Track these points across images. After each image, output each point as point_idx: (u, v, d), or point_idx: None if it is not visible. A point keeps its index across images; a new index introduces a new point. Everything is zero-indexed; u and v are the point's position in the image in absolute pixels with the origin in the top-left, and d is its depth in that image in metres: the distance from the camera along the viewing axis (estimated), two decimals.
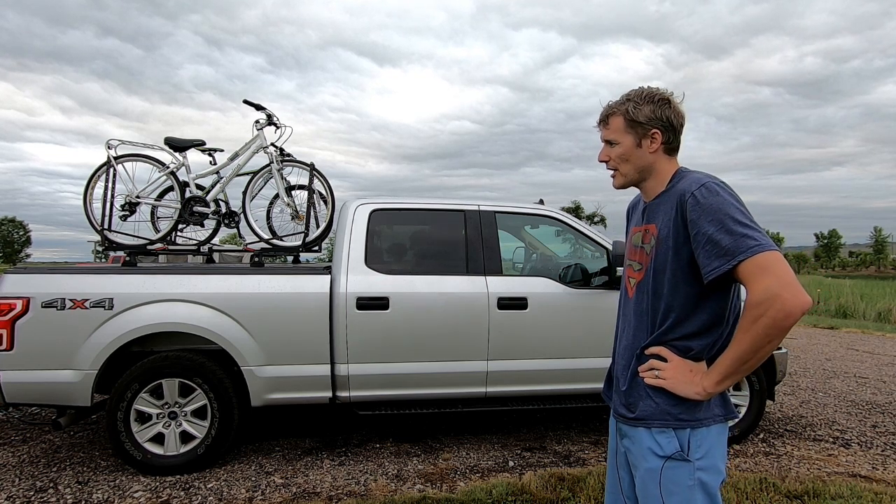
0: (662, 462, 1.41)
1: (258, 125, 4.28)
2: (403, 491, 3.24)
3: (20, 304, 3.29)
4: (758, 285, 1.27)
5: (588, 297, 3.95)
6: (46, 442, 4.04)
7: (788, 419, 4.86)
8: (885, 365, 7.62)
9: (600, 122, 1.56)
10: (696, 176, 1.44)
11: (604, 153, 1.56)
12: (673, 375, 1.42)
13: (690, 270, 1.40)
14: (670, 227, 1.42)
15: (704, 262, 1.34)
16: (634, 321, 1.53)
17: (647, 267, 1.49)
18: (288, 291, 3.62)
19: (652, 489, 1.42)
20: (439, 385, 3.81)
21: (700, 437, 1.42)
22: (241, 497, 3.15)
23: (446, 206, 4.05)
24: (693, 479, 1.39)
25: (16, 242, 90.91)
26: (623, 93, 1.54)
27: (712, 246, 1.32)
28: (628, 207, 1.78)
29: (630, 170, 1.52)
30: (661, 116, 1.47)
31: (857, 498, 3.09)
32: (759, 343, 1.28)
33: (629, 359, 1.53)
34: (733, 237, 1.30)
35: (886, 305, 15.37)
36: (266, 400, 3.58)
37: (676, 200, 1.42)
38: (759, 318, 1.26)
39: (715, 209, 1.34)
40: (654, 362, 1.45)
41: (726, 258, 1.30)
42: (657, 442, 1.43)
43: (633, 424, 1.48)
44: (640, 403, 1.47)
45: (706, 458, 1.41)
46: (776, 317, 1.25)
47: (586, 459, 3.79)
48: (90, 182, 4.12)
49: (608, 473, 1.67)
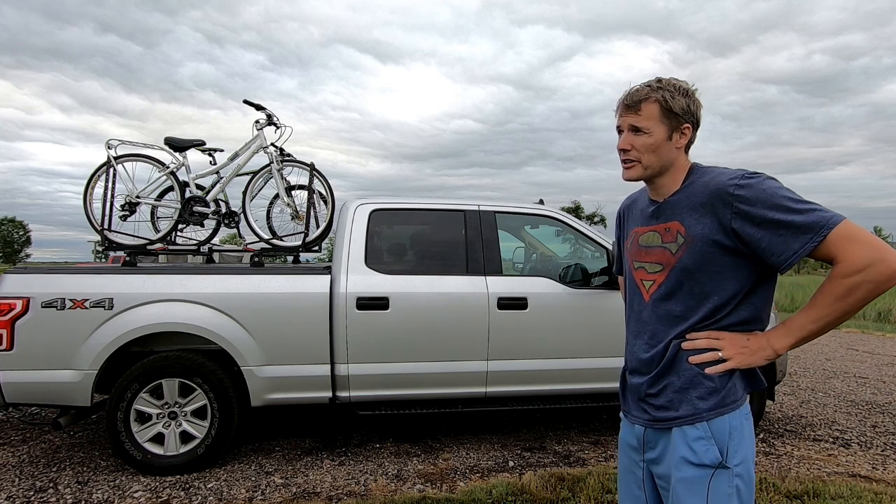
0: (700, 472, 1.34)
1: (258, 125, 4.29)
2: (403, 491, 3.24)
3: (20, 304, 3.29)
4: (853, 253, 1.23)
5: (588, 297, 3.95)
6: (46, 442, 4.04)
7: (788, 419, 4.86)
8: (885, 365, 7.62)
9: (628, 107, 1.42)
10: (722, 170, 1.40)
11: (626, 141, 1.42)
12: (736, 351, 1.35)
13: (731, 264, 1.35)
14: (707, 223, 1.36)
15: (781, 249, 1.28)
16: (658, 324, 1.44)
17: (671, 267, 1.41)
18: (288, 291, 3.62)
19: (690, 501, 1.34)
20: (439, 385, 3.81)
21: (738, 440, 1.35)
22: (241, 497, 3.15)
23: (446, 206, 4.05)
24: (731, 487, 1.33)
25: (16, 242, 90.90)
26: (629, 86, 1.45)
27: (786, 229, 1.27)
28: (620, 210, 1.70)
29: (654, 162, 1.42)
30: (693, 112, 1.41)
31: (857, 498, 3.09)
32: (854, 308, 1.26)
33: (651, 362, 1.44)
34: (805, 215, 1.26)
35: (886, 305, 15.36)
36: (266, 400, 3.58)
37: (713, 196, 1.35)
38: (861, 283, 1.24)
39: (769, 195, 1.29)
40: (711, 342, 1.37)
41: (810, 235, 1.25)
42: (692, 449, 1.35)
43: (666, 427, 1.40)
44: (672, 402, 1.40)
45: (743, 464, 1.35)
46: (880, 279, 1.23)
47: (586, 459, 3.79)
48: (90, 182, 4.13)
49: (622, 494, 1.56)
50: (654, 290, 1.45)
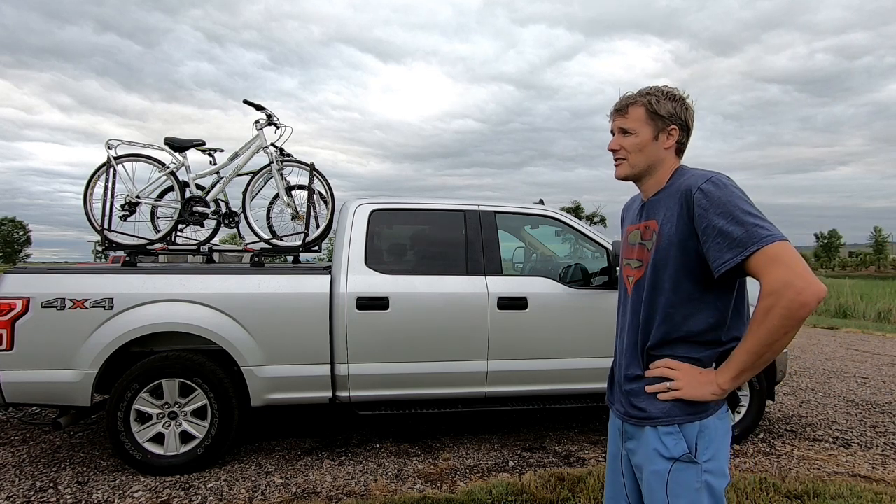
0: (670, 464, 1.39)
1: (258, 125, 4.29)
2: (403, 491, 3.24)
3: (20, 304, 3.29)
4: (771, 275, 1.25)
5: (588, 297, 3.95)
6: (46, 442, 4.04)
7: (788, 419, 4.86)
8: (885, 365, 7.62)
9: (617, 111, 1.53)
10: (701, 172, 1.44)
11: (616, 142, 1.53)
12: (686, 382, 1.39)
13: (695, 266, 1.39)
14: (674, 221, 1.41)
15: (715, 256, 1.32)
16: (633, 319, 1.51)
17: (647, 263, 1.47)
18: (288, 291, 3.62)
19: (658, 492, 1.40)
20: (439, 385, 3.81)
21: (708, 438, 1.39)
22: (241, 497, 3.15)
23: (446, 206, 4.05)
24: (700, 482, 1.37)
25: (16, 242, 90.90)
26: (630, 89, 1.54)
27: (723, 238, 1.31)
28: (623, 210, 1.77)
29: (641, 161, 1.50)
30: (681, 115, 1.49)
31: (857, 498, 3.09)
32: (774, 335, 1.27)
33: (631, 358, 1.51)
34: (744, 228, 1.29)
35: (886, 305, 15.37)
36: (266, 400, 3.58)
37: (681, 195, 1.40)
38: (773, 307, 1.25)
39: (724, 202, 1.33)
40: (665, 371, 1.43)
41: (738, 249, 1.28)
42: (664, 443, 1.40)
43: (640, 424, 1.46)
44: (646, 402, 1.45)
45: (713, 461, 1.39)
46: (790, 306, 1.24)
47: (586, 459, 3.79)
48: (90, 182, 4.12)
49: (608, 478, 1.64)
50: (633, 285, 1.53)
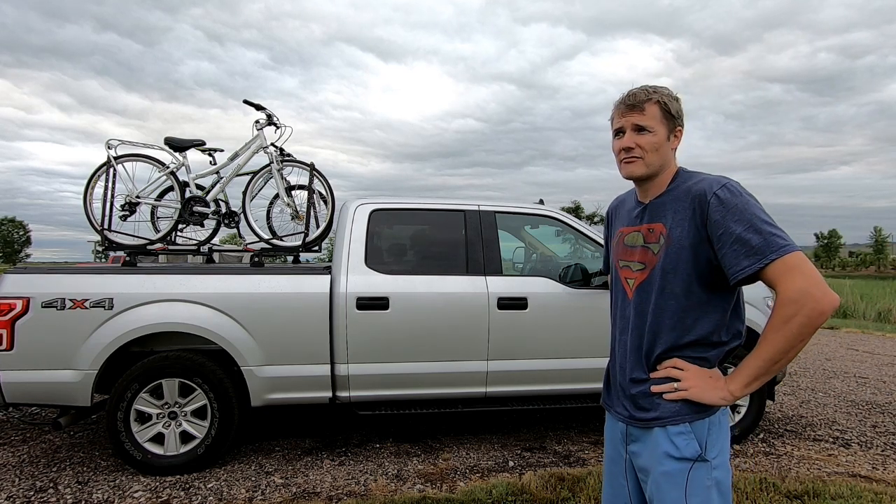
0: (688, 465, 1.38)
1: (258, 125, 4.29)
2: (403, 491, 3.24)
3: (20, 304, 3.29)
4: (790, 284, 1.27)
5: (588, 297, 3.95)
6: (46, 442, 4.04)
7: (788, 419, 4.86)
8: (885, 365, 7.62)
9: (632, 107, 1.46)
10: (709, 176, 1.43)
11: (631, 139, 1.46)
12: (695, 383, 1.39)
13: (706, 271, 1.39)
14: (685, 226, 1.40)
15: (732, 262, 1.33)
16: (637, 322, 1.50)
17: (653, 267, 1.46)
18: (288, 291, 3.62)
19: (669, 493, 1.38)
20: (439, 385, 3.81)
21: (715, 434, 1.40)
22: (241, 497, 3.15)
23: (446, 206, 4.05)
24: (710, 479, 1.38)
25: (16, 242, 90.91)
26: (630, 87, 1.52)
27: (741, 245, 1.31)
28: (608, 211, 1.75)
29: (656, 161, 1.46)
30: (682, 117, 1.49)
31: (857, 498, 3.09)
32: (791, 342, 1.28)
33: (636, 362, 1.49)
34: (762, 237, 1.30)
35: (886, 305, 15.36)
36: (266, 400, 3.58)
37: (693, 201, 1.40)
38: (793, 317, 1.26)
39: (741, 209, 1.33)
40: (672, 372, 1.42)
41: (757, 257, 1.29)
42: (675, 444, 1.39)
43: (647, 426, 1.44)
44: (654, 403, 1.44)
45: (720, 457, 1.40)
46: (810, 315, 1.25)
47: (586, 459, 3.79)
48: (90, 182, 4.12)
49: (606, 482, 1.61)
50: (636, 287, 1.51)
